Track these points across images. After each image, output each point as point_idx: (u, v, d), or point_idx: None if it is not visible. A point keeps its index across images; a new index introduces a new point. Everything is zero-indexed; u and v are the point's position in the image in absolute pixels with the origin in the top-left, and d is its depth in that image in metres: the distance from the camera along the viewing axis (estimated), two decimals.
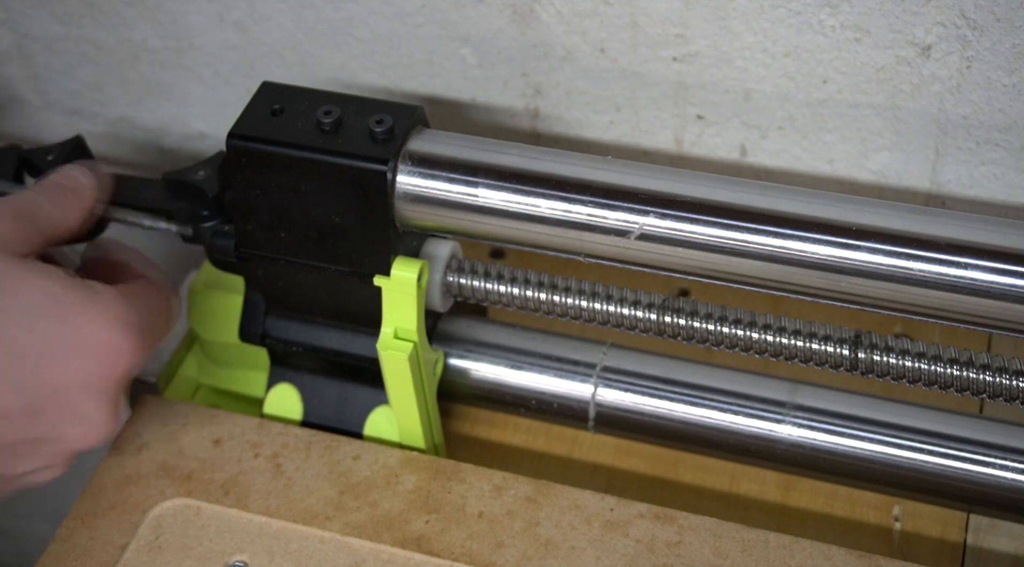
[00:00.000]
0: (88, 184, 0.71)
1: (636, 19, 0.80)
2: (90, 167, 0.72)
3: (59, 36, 0.95)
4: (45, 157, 0.78)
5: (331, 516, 0.72)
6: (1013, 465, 0.70)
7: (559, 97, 0.86)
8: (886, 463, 0.71)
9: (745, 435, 0.73)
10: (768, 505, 0.76)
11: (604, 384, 0.75)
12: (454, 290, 0.74)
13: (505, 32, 0.83)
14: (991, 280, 0.62)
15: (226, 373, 0.82)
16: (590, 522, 0.71)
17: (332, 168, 0.69)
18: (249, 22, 0.89)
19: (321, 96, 0.72)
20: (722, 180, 0.67)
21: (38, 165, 0.78)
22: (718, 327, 0.70)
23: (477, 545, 0.70)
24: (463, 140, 0.70)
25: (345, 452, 0.75)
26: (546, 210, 0.68)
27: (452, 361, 0.77)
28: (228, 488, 0.73)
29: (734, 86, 0.81)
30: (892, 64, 0.77)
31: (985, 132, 0.78)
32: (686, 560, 0.69)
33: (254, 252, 0.74)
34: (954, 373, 0.67)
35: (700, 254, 0.66)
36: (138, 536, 0.71)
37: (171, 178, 0.75)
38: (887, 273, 0.64)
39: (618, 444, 0.79)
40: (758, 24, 0.78)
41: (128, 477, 0.74)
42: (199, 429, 0.76)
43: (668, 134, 0.86)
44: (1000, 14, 0.73)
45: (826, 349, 0.69)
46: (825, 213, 0.65)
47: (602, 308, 0.72)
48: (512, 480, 0.73)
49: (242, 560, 0.70)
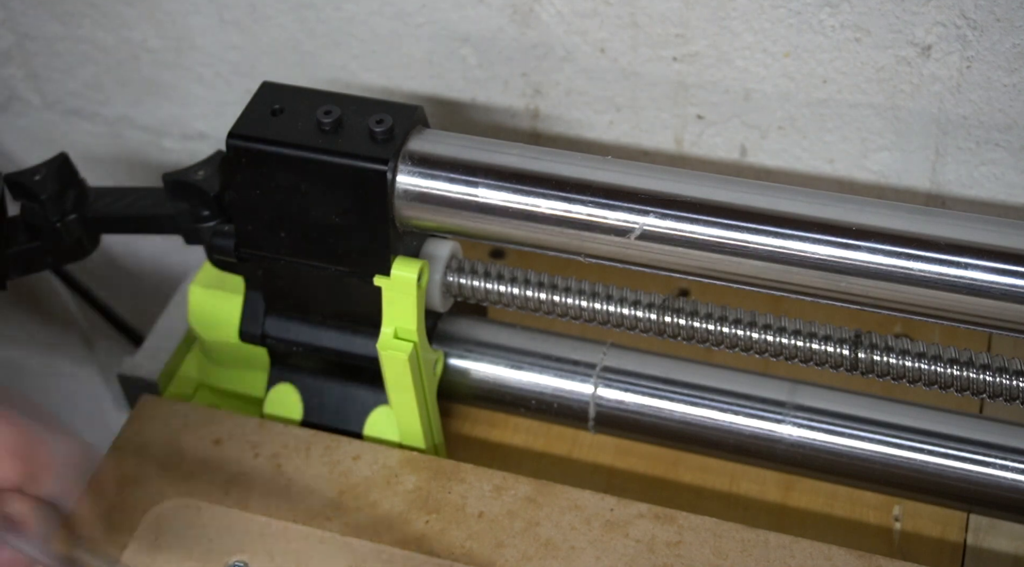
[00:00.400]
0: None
1: (636, 19, 0.80)
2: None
3: (59, 36, 0.95)
4: (32, 177, 0.77)
5: (331, 516, 0.72)
6: (1013, 465, 0.70)
7: (559, 97, 0.86)
8: (886, 463, 0.71)
9: (745, 435, 0.73)
10: (768, 505, 0.76)
11: (604, 384, 0.75)
12: (454, 290, 0.74)
13: (505, 32, 0.83)
14: (991, 280, 0.62)
15: (226, 373, 0.82)
16: (590, 522, 0.71)
17: (332, 168, 0.69)
18: (249, 22, 0.89)
19: (321, 96, 0.72)
20: (722, 180, 0.67)
21: (26, 186, 0.77)
22: (718, 327, 0.70)
23: (477, 545, 0.70)
24: (463, 140, 0.70)
25: (345, 452, 0.75)
26: (546, 210, 0.68)
27: (452, 361, 0.77)
28: (228, 488, 0.73)
29: (734, 86, 0.81)
30: (892, 64, 0.77)
31: (985, 132, 0.78)
32: (686, 560, 0.69)
33: (254, 252, 0.74)
34: (954, 373, 0.67)
35: (700, 254, 0.66)
36: (138, 536, 0.71)
37: (171, 178, 0.75)
38: (887, 273, 0.64)
39: (618, 444, 0.79)
40: (758, 24, 0.78)
41: (128, 477, 0.74)
42: (199, 429, 0.76)
43: (668, 134, 0.86)
44: (1000, 14, 0.73)
45: (826, 349, 0.69)
46: (825, 213, 0.65)
47: (602, 308, 0.72)
48: (512, 480, 0.73)
49: (242, 560, 0.70)
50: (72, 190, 0.78)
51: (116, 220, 0.79)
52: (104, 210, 0.79)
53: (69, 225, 0.79)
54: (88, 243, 0.81)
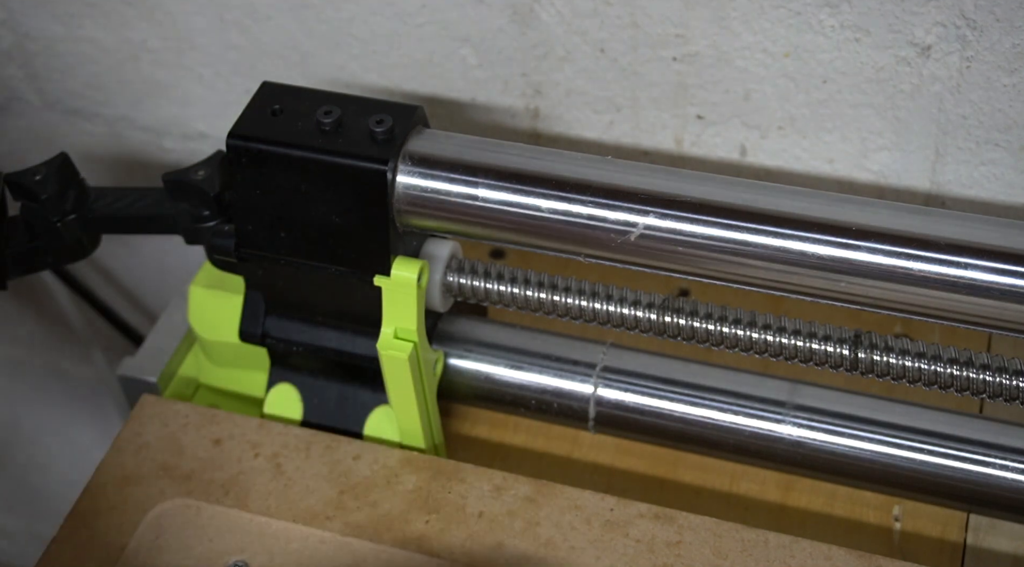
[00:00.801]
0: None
1: (636, 19, 0.80)
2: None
3: (59, 36, 0.95)
4: (32, 177, 0.77)
5: (331, 516, 0.72)
6: (1013, 465, 0.70)
7: (559, 97, 0.86)
8: (886, 463, 0.71)
9: (745, 435, 0.73)
10: (768, 505, 0.76)
11: (604, 384, 0.75)
12: (454, 290, 0.74)
13: (505, 32, 0.83)
14: (991, 280, 0.62)
15: (226, 373, 0.82)
16: (590, 522, 0.71)
17: (332, 168, 0.69)
18: (249, 22, 0.89)
19: (321, 96, 0.72)
20: (722, 180, 0.67)
21: (26, 186, 0.77)
22: (718, 327, 0.70)
23: (477, 545, 0.70)
24: (463, 140, 0.70)
25: (345, 452, 0.75)
26: (546, 210, 0.68)
27: (452, 361, 0.77)
28: (228, 488, 0.73)
29: (734, 86, 0.81)
30: (892, 64, 0.77)
31: (985, 132, 0.78)
32: (686, 560, 0.69)
33: (254, 252, 0.74)
34: (954, 373, 0.67)
35: (700, 254, 0.66)
36: (138, 536, 0.71)
37: (171, 178, 0.76)
38: (887, 273, 0.64)
39: (618, 444, 0.79)
40: (758, 24, 0.78)
41: (128, 477, 0.74)
42: (199, 429, 0.76)
43: (668, 134, 0.86)
44: (1000, 14, 0.73)
45: (826, 349, 0.69)
46: (825, 213, 0.65)
47: (602, 308, 0.72)
48: (512, 480, 0.73)
49: (242, 560, 0.70)
50: (72, 190, 0.78)
51: (116, 220, 0.79)
52: (104, 210, 0.79)
53: (69, 225, 0.79)
54: (88, 243, 0.81)
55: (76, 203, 0.79)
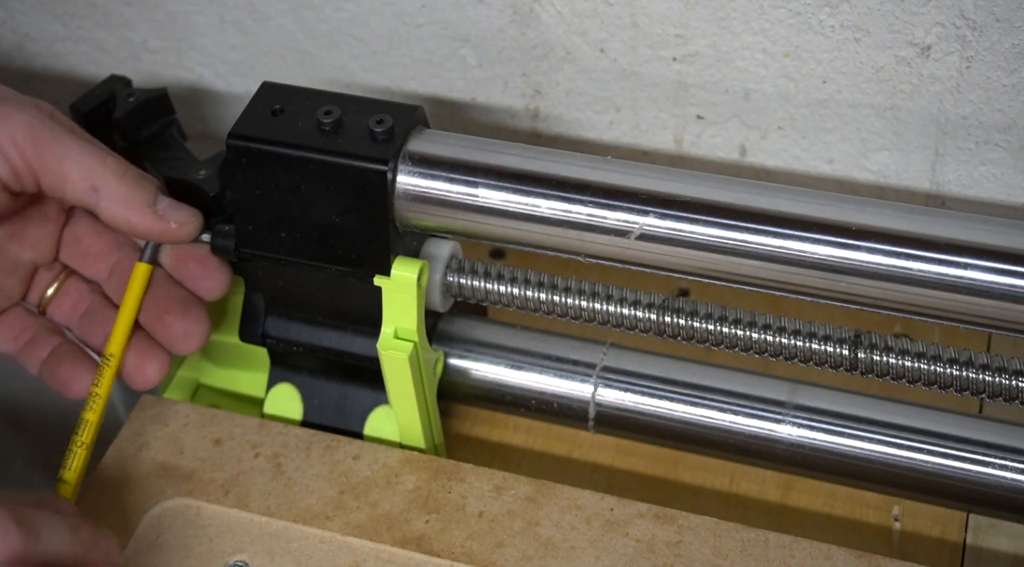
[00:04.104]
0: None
1: (636, 19, 0.80)
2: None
3: (59, 36, 0.95)
4: (127, 98, 0.81)
5: (331, 516, 0.72)
6: (1013, 465, 0.70)
7: (559, 97, 0.86)
8: (886, 463, 0.71)
9: (745, 435, 0.73)
10: (768, 505, 0.76)
11: (604, 384, 0.75)
12: (454, 290, 0.74)
13: (505, 32, 0.83)
14: (991, 280, 0.62)
15: (226, 373, 0.82)
16: (590, 522, 0.71)
17: (332, 168, 0.69)
18: (249, 22, 0.89)
19: (321, 96, 0.72)
20: (722, 180, 0.67)
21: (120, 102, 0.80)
22: (718, 327, 0.70)
23: (477, 545, 0.70)
24: (463, 140, 0.70)
25: (345, 452, 0.75)
26: (546, 210, 0.68)
27: (452, 361, 0.77)
28: (228, 488, 0.73)
29: (734, 86, 0.81)
30: (892, 64, 0.77)
31: (985, 132, 0.78)
32: (686, 560, 0.69)
33: (254, 252, 0.74)
34: (954, 373, 0.67)
35: (700, 254, 0.66)
36: (138, 536, 0.71)
37: (171, 178, 0.75)
38: (887, 273, 0.64)
39: (618, 444, 0.79)
40: (758, 24, 0.78)
41: (128, 477, 0.74)
42: (199, 429, 0.76)
43: (668, 134, 0.86)
44: (1000, 14, 0.73)
45: (826, 349, 0.69)
46: (825, 213, 0.65)
47: (602, 308, 0.72)
48: (512, 480, 0.73)
49: (242, 560, 0.70)
50: None
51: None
52: None
53: None
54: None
55: None
